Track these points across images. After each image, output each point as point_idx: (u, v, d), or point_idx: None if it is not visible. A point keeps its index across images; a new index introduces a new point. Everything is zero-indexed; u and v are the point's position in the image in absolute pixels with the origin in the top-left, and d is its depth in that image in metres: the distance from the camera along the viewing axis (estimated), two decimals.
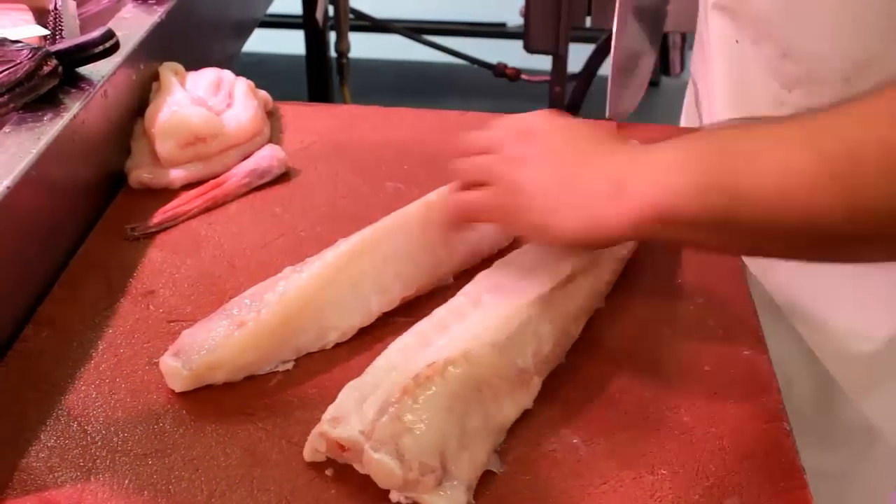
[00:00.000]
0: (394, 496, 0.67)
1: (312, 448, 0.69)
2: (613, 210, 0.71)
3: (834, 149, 0.62)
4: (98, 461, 0.70)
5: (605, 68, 2.45)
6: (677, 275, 0.90)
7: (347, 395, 0.70)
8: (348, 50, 2.47)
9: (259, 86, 1.15)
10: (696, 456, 0.71)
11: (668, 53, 2.30)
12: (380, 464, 0.65)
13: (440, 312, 0.79)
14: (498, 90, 2.65)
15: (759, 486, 0.69)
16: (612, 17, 1.09)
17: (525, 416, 0.74)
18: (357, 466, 0.68)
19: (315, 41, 2.46)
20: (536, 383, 0.75)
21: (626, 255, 0.88)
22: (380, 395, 0.69)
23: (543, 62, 2.20)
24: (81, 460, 0.70)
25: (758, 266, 0.96)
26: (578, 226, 0.73)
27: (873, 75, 0.80)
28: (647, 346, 0.82)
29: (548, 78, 2.24)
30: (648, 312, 0.86)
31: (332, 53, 2.49)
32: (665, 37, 2.29)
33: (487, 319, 0.76)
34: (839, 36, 0.95)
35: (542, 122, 0.81)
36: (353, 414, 0.68)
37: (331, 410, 0.69)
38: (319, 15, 2.36)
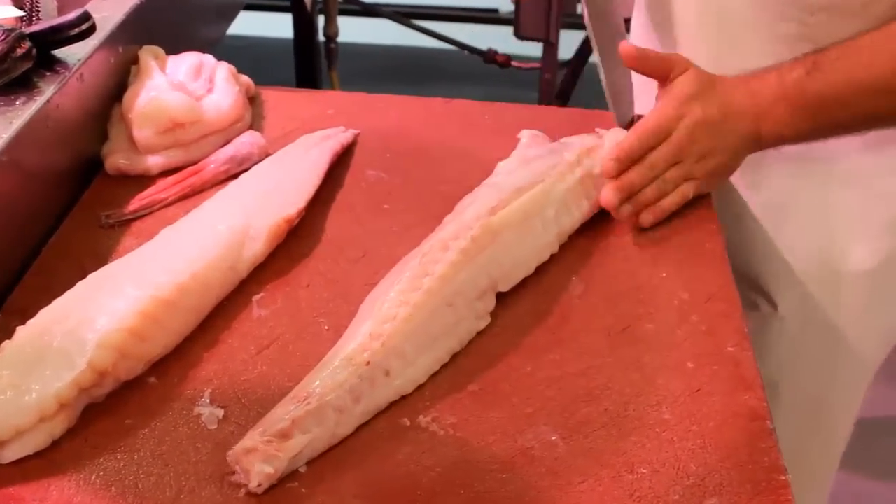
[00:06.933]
0: None
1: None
2: None
3: None
4: (65, 456, 0.69)
5: (596, 55, 2.44)
6: (661, 269, 0.88)
7: None
8: (337, 34, 2.45)
9: (246, 70, 1.13)
10: (676, 455, 0.70)
11: None
12: None
13: None
14: (488, 76, 2.63)
15: (741, 486, 0.68)
16: None
17: (503, 411, 0.73)
18: None
19: (303, 25, 2.44)
20: None
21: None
22: None
23: (534, 49, 2.19)
24: (48, 455, 0.68)
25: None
26: None
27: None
28: (629, 341, 0.81)
29: (539, 65, 2.22)
30: (631, 308, 0.84)
31: (321, 38, 2.47)
32: None
33: None
34: None
35: None
36: None
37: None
38: None
